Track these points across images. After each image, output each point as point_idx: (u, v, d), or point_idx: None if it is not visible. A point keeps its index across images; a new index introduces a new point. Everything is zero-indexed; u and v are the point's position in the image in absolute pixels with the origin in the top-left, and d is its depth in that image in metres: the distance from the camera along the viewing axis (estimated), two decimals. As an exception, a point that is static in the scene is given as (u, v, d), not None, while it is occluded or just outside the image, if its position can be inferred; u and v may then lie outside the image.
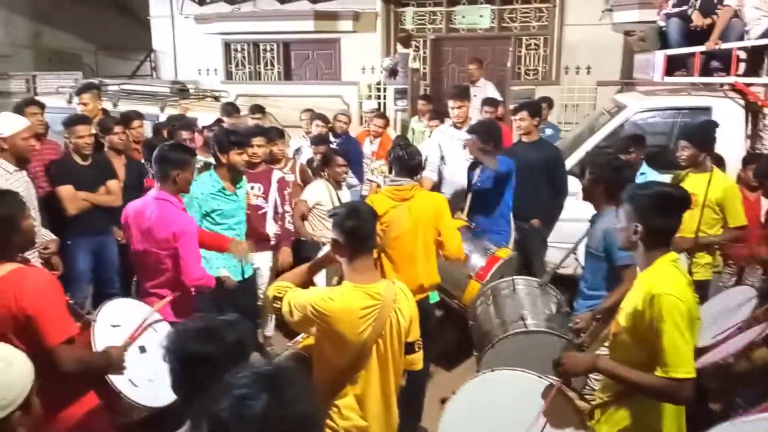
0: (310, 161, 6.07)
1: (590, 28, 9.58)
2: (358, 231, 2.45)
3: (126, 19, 13.77)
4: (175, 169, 3.39)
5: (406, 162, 3.68)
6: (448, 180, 5.27)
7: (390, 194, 3.63)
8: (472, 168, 4.84)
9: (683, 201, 2.32)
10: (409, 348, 2.62)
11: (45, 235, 4.05)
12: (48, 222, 4.28)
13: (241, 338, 1.70)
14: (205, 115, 7.07)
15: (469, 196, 4.77)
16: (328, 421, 2.49)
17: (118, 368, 2.62)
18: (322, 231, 5.05)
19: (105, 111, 6.22)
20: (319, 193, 5.09)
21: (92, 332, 2.69)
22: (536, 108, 5.35)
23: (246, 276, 4.23)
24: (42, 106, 5.27)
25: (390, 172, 3.84)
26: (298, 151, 6.74)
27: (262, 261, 4.71)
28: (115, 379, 2.63)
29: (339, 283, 2.62)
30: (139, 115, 5.83)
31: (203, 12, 11.24)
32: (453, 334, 4.48)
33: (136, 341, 2.81)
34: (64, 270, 4.17)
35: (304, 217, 5.08)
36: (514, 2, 10.27)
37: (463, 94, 5.42)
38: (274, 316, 4.70)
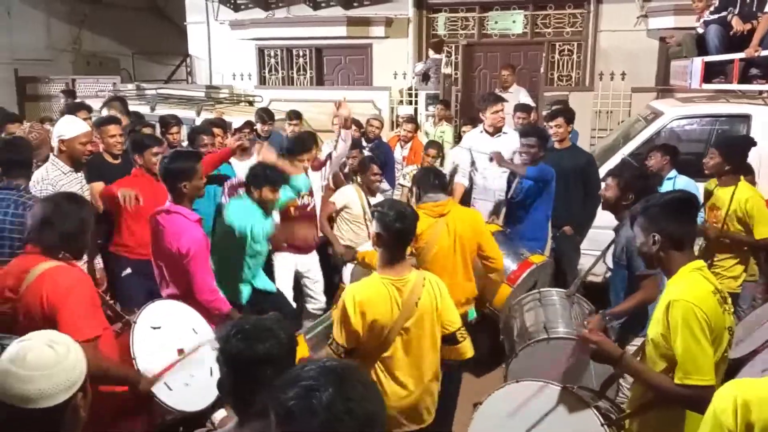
0: (342, 165, 6.10)
1: (625, 34, 9.48)
2: (403, 233, 2.69)
3: (163, 24, 14.06)
4: (180, 180, 3.35)
5: (437, 179, 3.75)
6: (479, 185, 5.28)
7: (427, 210, 3.63)
8: (513, 174, 4.86)
9: (692, 203, 2.34)
10: (452, 338, 2.78)
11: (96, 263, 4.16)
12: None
13: (292, 336, 1.75)
14: (240, 119, 7.17)
15: (507, 202, 4.77)
16: None
17: (142, 390, 2.63)
18: (348, 234, 5.09)
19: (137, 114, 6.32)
20: (349, 197, 5.12)
21: (132, 334, 2.71)
22: (571, 115, 5.32)
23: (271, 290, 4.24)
24: (90, 109, 5.41)
25: (418, 193, 3.84)
26: (330, 155, 6.79)
27: (311, 263, 4.78)
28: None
29: None
30: (177, 120, 5.94)
31: (238, 18, 11.41)
32: (485, 338, 4.45)
33: (172, 339, 2.85)
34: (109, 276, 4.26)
35: (330, 219, 5.14)
36: (547, 8, 10.21)
37: (499, 101, 5.41)
38: None
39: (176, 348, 2.81)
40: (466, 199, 5.43)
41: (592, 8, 9.76)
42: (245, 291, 4.03)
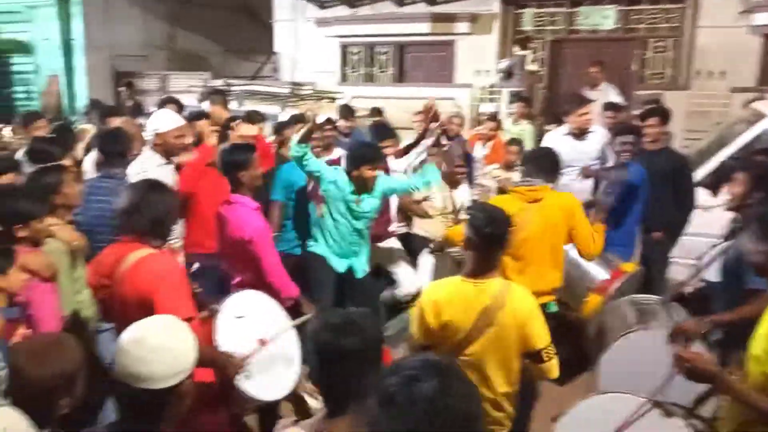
0: (422, 162, 6.06)
1: (725, 31, 8.90)
2: (494, 238, 2.60)
3: (251, 23, 14.45)
4: (238, 170, 3.51)
5: (543, 162, 3.63)
6: (563, 186, 5.10)
7: (521, 194, 3.56)
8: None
9: None
10: (537, 356, 2.62)
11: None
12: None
13: (378, 330, 1.80)
14: (322, 115, 7.25)
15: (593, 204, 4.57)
16: None
17: (229, 374, 2.68)
18: (428, 227, 5.08)
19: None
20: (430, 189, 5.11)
21: (216, 322, 2.79)
22: (667, 114, 5.05)
23: (359, 276, 4.28)
24: (180, 105, 5.63)
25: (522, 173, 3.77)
26: (411, 146, 6.76)
27: (401, 269, 4.83)
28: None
29: None
30: (262, 116, 6.09)
31: (324, 15, 11.56)
32: (567, 348, 4.30)
33: (251, 329, 2.90)
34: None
35: (410, 209, 5.15)
36: (641, 2, 9.75)
37: (585, 104, 5.21)
38: None
39: (257, 338, 2.86)
40: None
41: (690, 3, 9.24)
42: (343, 264, 4.23)
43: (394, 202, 4.97)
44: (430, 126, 5.16)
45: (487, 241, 2.59)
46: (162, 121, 4.27)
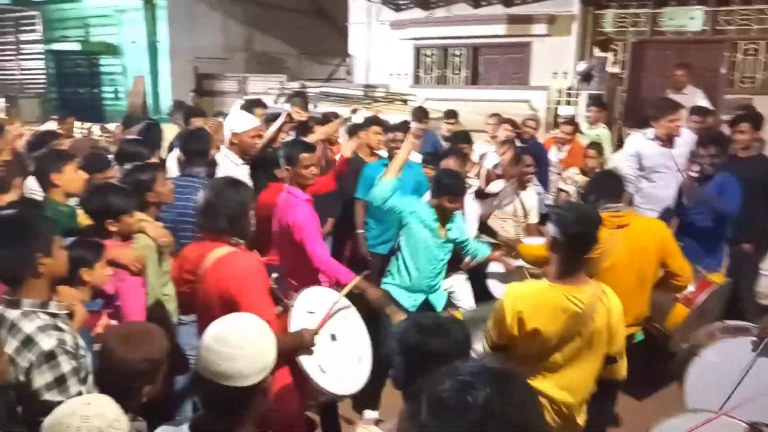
0: (495, 165, 5.97)
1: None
2: (581, 237, 2.49)
3: (326, 26, 14.68)
4: (287, 164, 3.66)
5: (616, 186, 3.44)
6: (646, 193, 4.90)
7: (604, 221, 3.37)
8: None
9: None
10: (610, 359, 2.59)
11: None
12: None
13: (468, 337, 1.76)
14: (395, 117, 7.27)
15: (677, 212, 4.38)
16: None
17: (308, 349, 2.75)
18: (498, 229, 4.99)
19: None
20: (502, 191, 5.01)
21: (289, 317, 2.84)
22: (759, 120, 4.77)
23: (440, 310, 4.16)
24: (265, 106, 5.77)
25: (591, 197, 3.57)
26: (483, 156, 6.67)
27: (459, 284, 4.53)
28: (306, 364, 2.75)
29: None
30: (337, 117, 6.15)
31: (398, 18, 11.60)
32: (649, 361, 4.12)
33: (325, 325, 2.94)
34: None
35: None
36: (731, 3, 9.28)
37: (677, 109, 4.95)
38: None
39: (329, 333, 2.92)
40: None
41: (785, 2, 8.72)
42: (419, 300, 4.03)
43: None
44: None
45: (575, 242, 2.47)
46: (239, 122, 4.38)
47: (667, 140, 4.85)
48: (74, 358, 2.06)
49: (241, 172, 4.24)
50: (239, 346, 1.71)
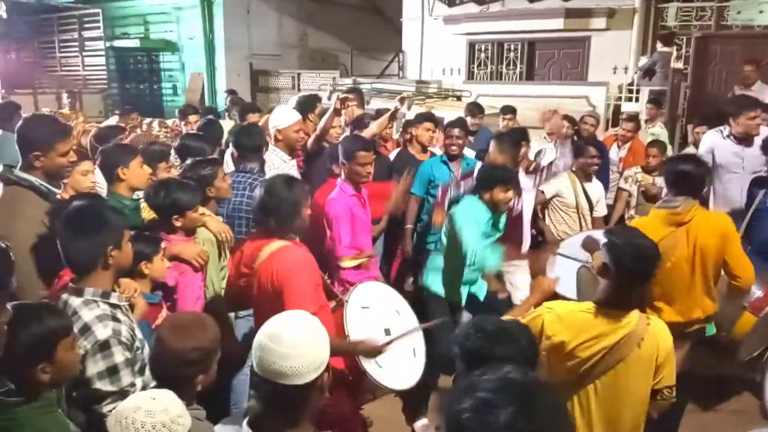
0: (550, 163, 5.83)
1: None
2: (637, 275, 2.29)
3: (379, 21, 14.67)
4: (343, 159, 3.74)
5: (688, 178, 3.20)
6: (719, 193, 4.70)
7: (664, 218, 3.21)
8: (757, 184, 4.23)
9: None
10: (661, 393, 2.38)
11: None
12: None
13: (533, 343, 1.68)
14: (448, 113, 7.18)
15: (749, 215, 4.17)
16: None
17: (369, 356, 2.74)
18: (561, 226, 4.89)
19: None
20: (560, 185, 4.92)
21: (344, 312, 2.86)
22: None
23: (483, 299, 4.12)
24: (319, 100, 5.81)
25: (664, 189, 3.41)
26: (540, 153, 6.52)
27: (519, 273, 4.39)
28: (363, 360, 2.77)
29: None
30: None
31: (452, 13, 11.49)
32: (715, 370, 3.95)
33: (379, 320, 2.93)
34: None
35: (543, 208, 4.96)
36: (805, -7, 8.83)
37: (756, 106, 4.70)
38: None
39: (383, 327, 2.93)
40: None
41: None
42: (464, 293, 3.98)
43: (526, 221, 4.71)
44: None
45: (631, 277, 2.29)
46: (281, 118, 4.38)
47: (744, 139, 4.65)
48: (129, 350, 2.11)
49: (290, 168, 4.26)
50: (293, 344, 1.70)
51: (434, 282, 3.93)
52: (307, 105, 5.52)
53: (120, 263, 2.24)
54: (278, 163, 4.24)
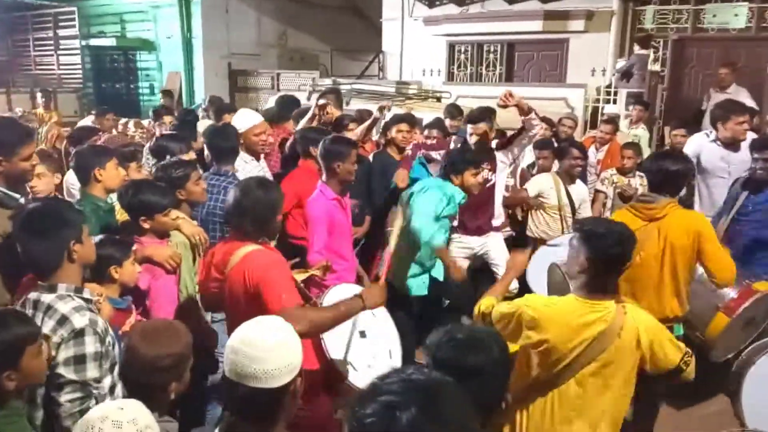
0: (530, 165, 5.85)
1: None
2: (621, 258, 2.33)
3: (360, 22, 14.65)
4: (335, 160, 3.58)
5: (668, 175, 3.21)
6: (704, 197, 4.75)
7: (637, 212, 3.23)
8: (739, 186, 4.27)
9: None
10: (676, 371, 2.36)
11: None
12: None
13: (506, 351, 1.67)
14: (428, 114, 7.17)
15: (729, 217, 4.19)
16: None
17: (372, 305, 2.65)
18: (542, 226, 4.92)
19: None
20: (542, 185, 4.95)
21: None
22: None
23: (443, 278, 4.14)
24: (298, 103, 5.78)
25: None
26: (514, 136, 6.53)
27: (491, 243, 4.53)
28: (337, 362, 2.75)
29: None
30: (371, 114, 6.08)
31: (432, 14, 11.50)
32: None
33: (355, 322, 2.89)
34: None
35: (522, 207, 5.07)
36: (778, -2, 8.96)
37: (746, 112, 4.72)
38: None
39: (358, 330, 2.90)
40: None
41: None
42: (426, 281, 4.02)
43: (498, 194, 4.75)
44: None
45: (611, 264, 2.32)
46: (241, 120, 4.32)
47: (731, 144, 4.63)
48: (101, 342, 2.11)
49: (256, 170, 4.22)
50: (266, 347, 1.68)
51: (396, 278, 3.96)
52: (286, 108, 5.48)
53: (84, 257, 2.26)
54: (240, 164, 4.18)
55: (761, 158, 4.08)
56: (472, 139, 4.69)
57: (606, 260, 2.30)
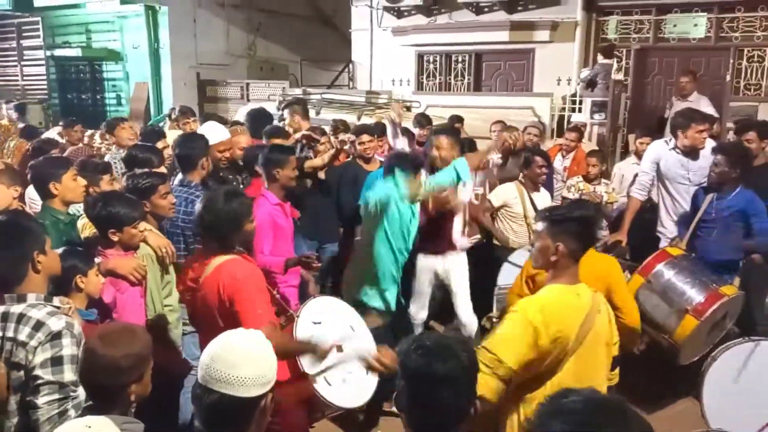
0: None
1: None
2: (591, 239, 2.41)
3: (329, 32, 14.67)
4: (274, 167, 3.79)
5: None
6: (667, 204, 4.85)
7: None
8: (703, 192, 4.38)
9: None
10: (614, 362, 2.47)
11: None
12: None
13: (474, 357, 1.68)
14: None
15: (693, 224, 4.30)
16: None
17: (318, 359, 2.71)
18: (509, 233, 4.99)
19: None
20: (507, 194, 5.01)
21: (295, 327, 2.81)
22: (766, 128, 4.72)
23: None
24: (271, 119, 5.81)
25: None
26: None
27: (451, 265, 4.49)
28: (311, 376, 2.73)
29: None
30: (345, 125, 6.15)
31: (400, 24, 11.58)
32: (656, 374, 4.05)
33: (333, 336, 2.89)
34: None
35: (492, 217, 5.11)
36: (735, 10, 9.25)
37: (706, 120, 4.80)
38: None
39: (335, 344, 2.85)
40: (650, 217, 5.04)
41: (790, 9, 8.70)
42: (392, 293, 4.08)
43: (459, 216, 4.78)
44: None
45: (585, 244, 2.37)
46: (209, 134, 4.25)
47: (691, 152, 4.70)
48: (78, 346, 2.10)
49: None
50: (244, 355, 1.70)
51: (365, 295, 4.02)
52: (258, 123, 5.48)
53: (49, 268, 2.26)
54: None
55: (714, 163, 4.22)
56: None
57: (580, 242, 2.34)
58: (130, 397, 1.98)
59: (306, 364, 2.73)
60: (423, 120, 6.93)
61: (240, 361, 1.67)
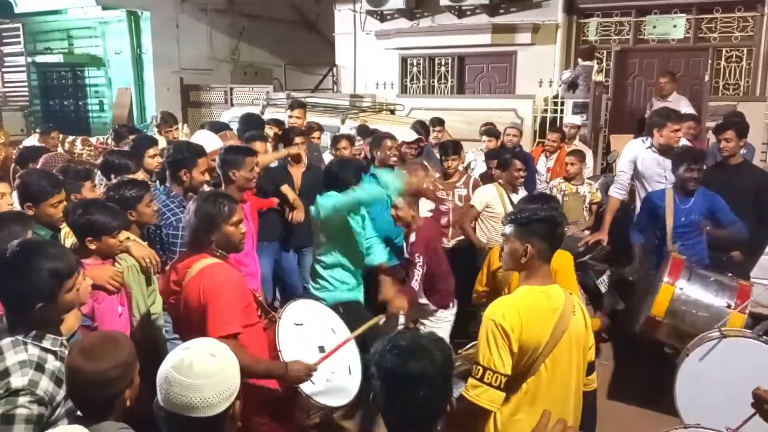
0: (483, 175, 5.96)
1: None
2: (560, 238, 2.41)
3: (313, 37, 14.67)
4: (230, 169, 3.71)
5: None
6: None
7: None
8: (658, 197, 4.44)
9: None
10: (590, 366, 2.49)
11: None
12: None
13: (449, 357, 1.68)
14: (382, 126, 7.20)
15: (669, 233, 4.34)
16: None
17: (295, 381, 2.68)
18: (492, 233, 5.02)
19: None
20: (488, 197, 5.07)
21: (277, 329, 2.82)
22: (744, 128, 4.79)
23: None
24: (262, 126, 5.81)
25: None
26: (470, 165, 6.66)
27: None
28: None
29: None
30: (320, 127, 6.22)
31: (383, 28, 11.61)
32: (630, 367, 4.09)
33: (314, 336, 2.90)
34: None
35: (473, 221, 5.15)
36: (713, 11, 9.38)
37: (682, 120, 4.89)
38: None
39: (317, 345, 2.89)
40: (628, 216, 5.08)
41: (766, 11, 8.83)
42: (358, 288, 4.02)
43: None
44: None
45: (555, 243, 2.39)
46: (203, 143, 4.25)
47: (666, 150, 4.75)
48: (42, 404, 1.97)
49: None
50: (203, 374, 1.61)
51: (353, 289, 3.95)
52: (252, 126, 5.49)
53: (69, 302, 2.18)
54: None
55: (697, 168, 4.25)
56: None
57: (548, 242, 2.36)
58: (125, 402, 1.93)
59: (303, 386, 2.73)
60: (420, 128, 6.71)
61: (199, 383, 1.60)
